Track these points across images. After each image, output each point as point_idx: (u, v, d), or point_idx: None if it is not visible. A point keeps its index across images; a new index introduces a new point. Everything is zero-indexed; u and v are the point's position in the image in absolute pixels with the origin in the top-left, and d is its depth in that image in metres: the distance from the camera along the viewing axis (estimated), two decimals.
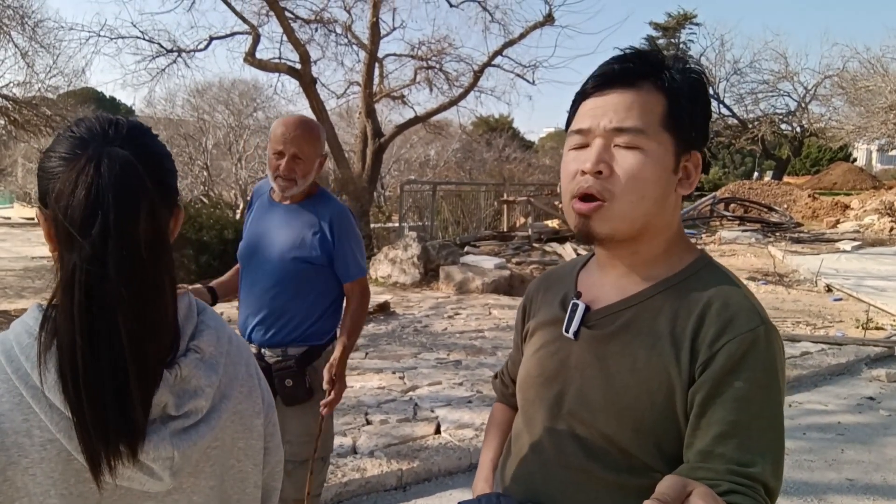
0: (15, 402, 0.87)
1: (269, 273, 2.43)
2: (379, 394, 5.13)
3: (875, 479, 3.92)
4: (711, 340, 1.00)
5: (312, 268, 2.41)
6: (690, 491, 0.74)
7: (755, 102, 31.80)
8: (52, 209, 0.88)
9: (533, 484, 1.17)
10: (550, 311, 1.23)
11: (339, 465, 3.78)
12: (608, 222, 1.06)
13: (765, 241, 14.90)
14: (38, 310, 0.90)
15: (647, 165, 1.04)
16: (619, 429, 1.06)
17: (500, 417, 1.44)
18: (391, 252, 10.94)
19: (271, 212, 2.50)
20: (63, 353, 0.85)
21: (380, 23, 14.18)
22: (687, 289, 1.08)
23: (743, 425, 0.97)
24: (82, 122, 0.94)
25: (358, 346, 6.59)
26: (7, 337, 0.90)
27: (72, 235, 0.86)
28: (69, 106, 15.52)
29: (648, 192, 1.05)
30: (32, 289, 10.89)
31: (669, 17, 41.01)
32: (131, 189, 0.89)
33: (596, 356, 1.11)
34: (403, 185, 15.79)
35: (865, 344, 6.72)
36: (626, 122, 1.04)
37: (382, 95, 15.68)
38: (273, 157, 2.38)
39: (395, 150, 24.31)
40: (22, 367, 0.87)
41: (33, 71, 14.04)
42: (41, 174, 0.92)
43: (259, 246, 2.46)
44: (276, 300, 2.42)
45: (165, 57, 14.12)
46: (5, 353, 0.88)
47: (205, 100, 25.65)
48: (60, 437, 0.87)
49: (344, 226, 2.45)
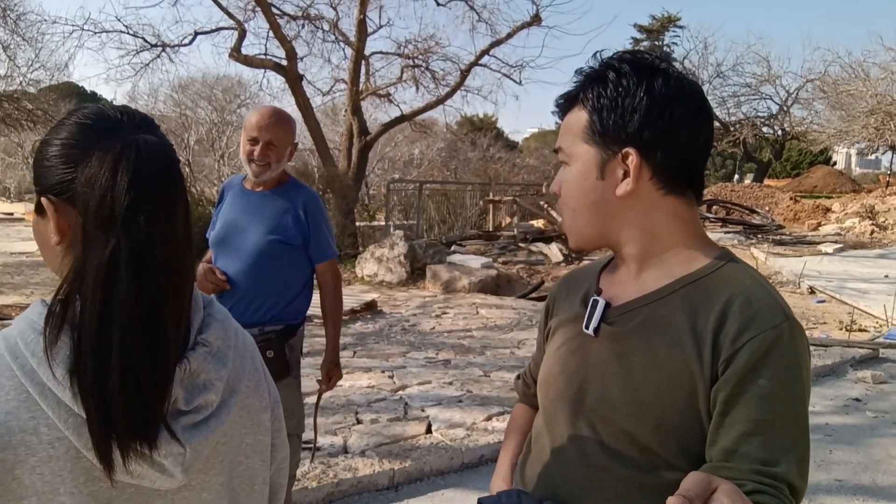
0: (21, 400, 0.84)
1: (245, 255, 2.54)
2: (369, 393, 5.10)
3: (864, 479, 3.95)
4: (734, 337, 0.99)
5: (288, 249, 2.55)
6: (715, 488, 0.73)
7: (738, 105, 32.08)
8: (83, 196, 0.87)
9: (553, 482, 1.16)
10: (571, 308, 1.23)
11: (331, 464, 3.75)
12: (571, 236, 1.17)
13: (747, 243, 15.03)
14: (42, 305, 0.88)
15: (571, 180, 1.13)
16: (639, 426, 1.04)
17: (522, 418, 1.43)
18: (377, 251, 10.90)
19: (245, 199, 2.62)
20: (83, 346, 0.83)
21: (367, 20, 14.10)
22: (708, 285, 1.06)
23: (767, 424, 0.95)
24: (88, 111, 0.93)
25: (346, 345, 6.55)
26: (11, 333, 0.87)
27: (111, 222, 0.85)
28: (51, 100, 15.31)
29: (576, 204, 1.13)
30: (11, 284, 10.72)
31: (653, 20, 41.30)
32: (172, 175, 0.91)
33: (616, 353, 1.10)
34: (389, 183, 15.77)
35: (850, 346, 6.79)
36: (557, 144, 1.17)
37: (369, 93, 15.61)
38: (247, 143, 2.52)
39: (381, 148, 24.23)
40: (28, 364, 0.84)
41: (15, 64, 13.86)
42: (55, 163, 0.90)
43: (234, 230, 2.58)
44: (253, 281, 2.54)
45: (150, 52, 13.97)
46: (10, 350, 0.85)
47: (187, 95, 25.45)
48: (69, 435, 0.84)
49: (317, 209, 2.63)
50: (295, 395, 2.55)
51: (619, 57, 1.11)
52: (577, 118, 1.11)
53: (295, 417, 2.53)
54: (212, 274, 2.53)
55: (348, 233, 12.80)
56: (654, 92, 1.07)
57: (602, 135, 1.08)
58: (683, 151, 1.09)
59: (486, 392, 5.19)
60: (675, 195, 1.10)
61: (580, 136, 1.10)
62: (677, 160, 1.08)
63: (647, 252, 1.11)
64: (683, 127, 1.08)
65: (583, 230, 1.14)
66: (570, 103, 1.14)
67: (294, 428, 2.54)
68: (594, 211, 1.11)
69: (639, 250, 1.12)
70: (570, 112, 1.14)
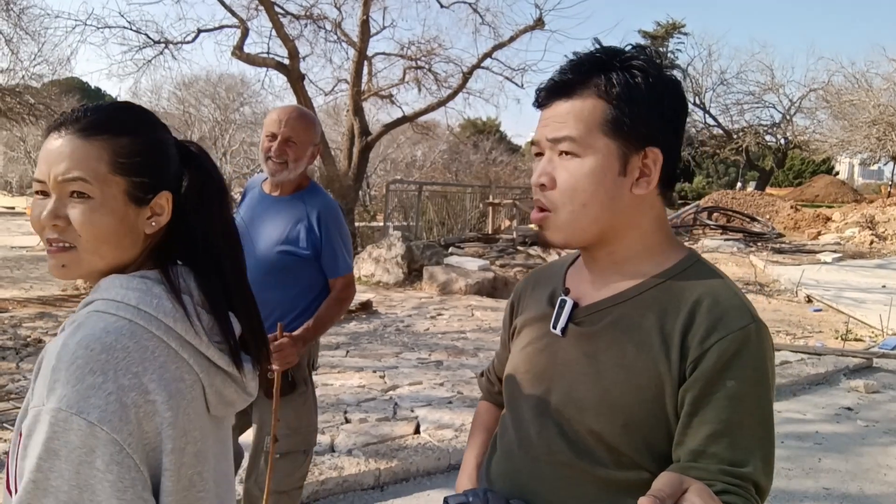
0: (167, 355, 0.99)
1: (255, 264, 2.37)
2: (359, 392, 5.09)
3: (851, 488, 3.94)
4: (702, 338, 0.99)
5: (298, 261, 2.40)
6: (686, 488, 0.74)
7: (741, 113, 32.15)
8: (195, 183, 1.11)
9: (520, 480, 1.16)
10: (538, 307, 1.22)
11: (317, 462, 3.74)
12: (557, 231, 1.09)
13: (746, 251, 15.02)
14: (137, 280, 1.02)
15: (583, 173, 1.05)
16: (607, 425, 1.05)
17: (486, 416, 1.43)
18: (375, 251, 10.90)
19: (261, 204, 2.49)
20: (213, 301, 1.08)
21: (370, 21, 14.12)
22: (676, 286, 1.07)
23: (735, 424, 0.97)
24: (143, 109, 1.11)
25: (339, 345, 6.55)
26: (123, 306, 0.99)
27: (208, 202, 1.11)
28: (53, 95, 15.33)
29: (589, 199, 1.06)
30: (10, 278, 10.73)
31: (658, 26, 41.28)
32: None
33: (584, 353, 1.10)
34: (389, 184, 15.77)
35: (844, 355, 6.77)
36: (560, 132, 1.06)
37: (371, 94, 15.62)
38: (265, 140, 2.39)
39: (382, 149, 24.27)
40: (163, 324, 0.99)
41: (17, 58, 13.87)
42: (168, 158, 1.08)
43: (245, 238, 2.42)
44: (261, 292, 2.37)
45: (152, 48, 13.96)
46: (140, 317, 0.98)
47: (191, 93, 25.54)
48: (201, 377, 1.03)
49: (332, 220, 2.44)
50: (300, 412, 2.44)
51: (635, 50, 1.09)
52: (591, 107, 1.05)
53: (301, 434, 2.45)
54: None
55: None
56: (674, 92, 1.09)
57: (629, 129, 1.05)
58: (679, 153, 1.11)
59: (477, 394, 5.17)
60: (663, 196, 1.12)
61: (598, 128, 1.05)
62: (676, 162, 1.11)
63: (631, 251, 1.11)
64: (684, 129, 1.12)
65: (586, 227, 1.08)
66: (575, 89, 1.07)
67: (300, 444, 2.46)
68: (607, 207, 1.07)
69: (627, 250, 1.11)
70: (574, 98, 1.06)
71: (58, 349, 0.93)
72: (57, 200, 0.99)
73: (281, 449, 2.38)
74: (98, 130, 1.01)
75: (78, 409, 0.88)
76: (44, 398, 0.90)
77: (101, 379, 0.90)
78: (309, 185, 2.51)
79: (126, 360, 0.94)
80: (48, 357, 0.95)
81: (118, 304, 0.98)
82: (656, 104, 1.07)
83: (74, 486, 0.87)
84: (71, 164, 0.98)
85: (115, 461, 0.89)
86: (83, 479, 0.87)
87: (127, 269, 1.05)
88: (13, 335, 6.47)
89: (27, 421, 0.91)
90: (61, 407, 0.88)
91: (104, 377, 0.91)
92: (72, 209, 0.98)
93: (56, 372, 0.90)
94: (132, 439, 0.91)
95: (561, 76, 1.09)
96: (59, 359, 0.92)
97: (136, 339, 0.96)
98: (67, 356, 0.91)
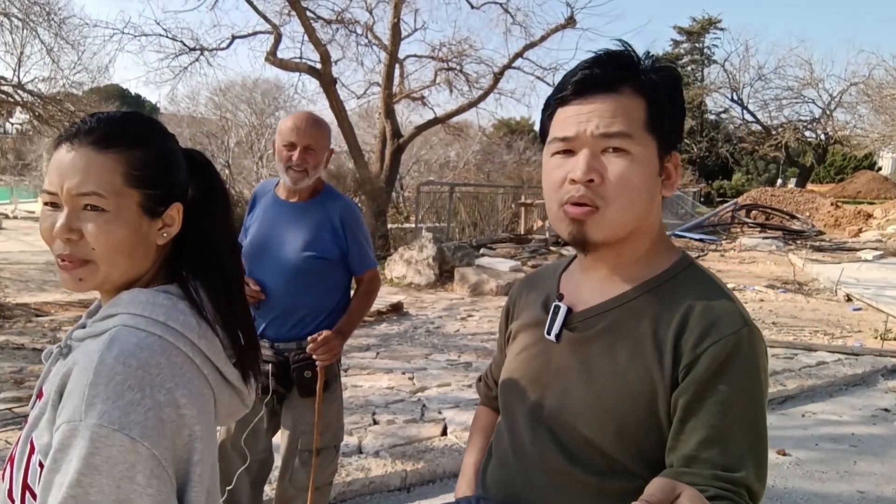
0: (192, 370, 1.02)
1: (280, 270, 2.45)
2: (387, 394, 5.13)
3: (887, 491, 3.85)
4: (695, 343, 1.00)
5: (325, 263, 2.46)
6: (679, 493, 0.74)
7: (779, 109, 31.57)
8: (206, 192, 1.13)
9: (514, 488, 1.16)
10: (533, 313, 1.23)
11: (344, 463, 3.78)
12: (602, 228, 1.05)
13: (785, 249, 14.74)
14: (164, 293, 1.04)
15: (636, 170, 1.04)
16: (600, 432, 1.05)
17: (484, 421, 1.43)
18: (406, 252, 10.95)
19: (278, 210, 2.53)
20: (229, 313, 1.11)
21: (401, 24, 14.20)
22: (669, 291, 1.07)
23: (727, 430, 0.96)
24: (151, 118, 1.12)
25: (369, 346, 6.60)
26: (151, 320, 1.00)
27: (216, 212, 1.14)
28: (93, 102, 15.66)
29: (637, 198, 1.05)
30: (53, 282, 10.99)
31: (694, 22, 40.75)
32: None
33: (578, 359, 1.10)
34: (420, 186, 15.81)
35: (883, 355, 6.62)
36: (612, 128, 1.03)
37: (402, 96, 15.69)
38: (283, 149, 2.41)
39: (415, 150, 24.32)
40: (189, 341, 1.02)
41: (58, 67, 14.19)
42: (178, 169, 1.09)
43: (268, 244, 2.49)
44: (289, 296, 2.46)
45: (188, 55, 14.23)
46: (170, 334, 1.01)
47: (227, 98, 25.88)
48: (216, 391, 1.06)
49: (353, 220, 2.52)
50: (331, 409, 2.52)
51: (658, 56, 1.11)
52: (635, 104, 1.04)
53: (332, 430, 2.54)
54: (245, 286, 2.50)
55: (379, 235, 12.88)
56: (683, 97, 1.11)
57: (666, 129, 1.06)
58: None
59: None
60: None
61: (643, 126, 1.04)
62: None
63: (637, 253, 1.12)
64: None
65: (628, 224, 1.06)
66: (614, 83, 1.05)
67: (332, 440, 2.55)
68: (646, 207, 1.07)
69: (634, 252, 1.11)
70: (617, 93, 1.04)
71: (94, 365, 0.93)
72: (70, 213, 0.98)
73: (317, 446, 2.47)
74: (111, 143, 1.00)
75: (120, 425, 0.89)
76: (81, 413, 0.90)
77: (139, 395, 0.92)
78: (324, 187, 2.57)
79: (160, 376, 0.95)
80: (81, 371, 0.94)
81: (147, 320, 0.99)
82: (681, 109, 1.10)
83: (115, 500, 0.88)
84: (85, 178, 0.97)
85: (154, 475, 0.90)
86: (124, 494, 0.88)
87: (140, 281, 1.06)
88: (52, 338, 6.65)
89: (59, 436, 0.90)
90: (103, 423, 0.89)
91: (142, 393, 0.92)
92: (86, 222, 0.98)
93: (94, 387, 0.91)
94: (168, 453, 0.93)
95: (601, 68, 1.05)
96: (96, 374, 0.92)
97: (167, 355, 0.98)
98: (106, 372, 0.92)
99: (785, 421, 4.95)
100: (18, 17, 13.31)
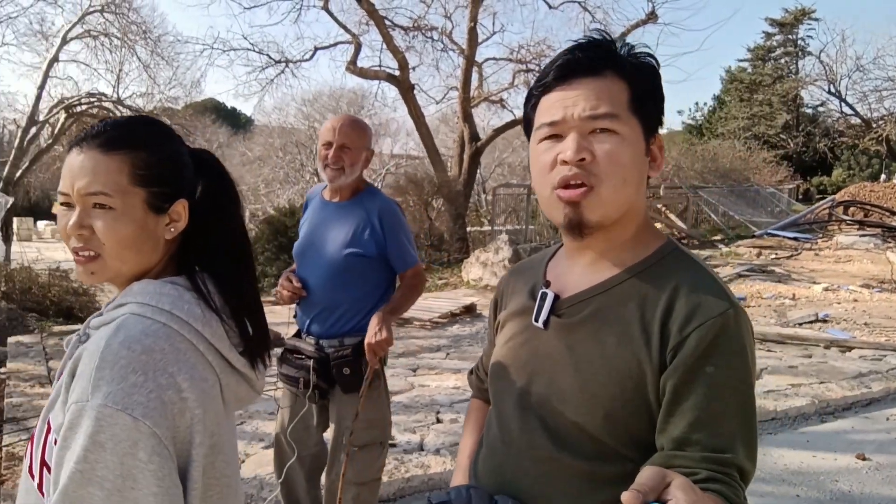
0: (196, 356, 1.07)
1: (323, 268, 2.54)
2: (453, 393, 5.18)
3: None
4: (681, 325, 1.00)
5: (364, 261, 2.51)
6: (670, 481, 0.75)
7: (879, 100, 29.73)
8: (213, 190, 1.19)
9: (504, 475, 1.16)
10: (520, 301, 1.24)
11: (404, 460, 3.86)
12: (598, 208, 1.05)
13: (883, 247, 13.92)
14: (168, 285, 1.10)
15: (624, 149, 1.04)
16: (589, 416, 1.05)
17: (477, 413, 1.44)
18: (482, 255, 10.99)
19: (323, 211, 2.63)
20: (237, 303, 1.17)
21: (478, 28, 14.28)
22: (655, 274, 1.07)
23: (717, 411, 0.97)
24: (157, 120, 1.20)
25: (440, 347, 6.68)
26: (157, 309, 1.06)
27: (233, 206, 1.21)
28: (187, 116, 16.49)
29: (629, 176, 1.05)
30: None
31: (786, 13, 39.00)
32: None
33: (566, 344, 1.11)
34: (496, 188, 15.80)
35: None
36: (599, 109, 1.03)
37: (481, 100, 15.76)
38: (322, 149, 2.51)
39: (497, 154, 24.36)
40: (193, 328, 1.07)
41: (155, 83, 15.04)
42: (183, 168, 1.15)
43: (312, 243, 2.59)
44: (330, 293, 2.53)
45: (274, 67, 14.78)
46: (175, 322, 1.07)
47: (315, 108, 26.64)
48: (220, 377, 1.12)
49: (392, 218, 2.56)
50: (376, 405, 2.56)
51: (621, 42, 1.12)
52: (619, 87, 1.06)
53: (377, 427, 2.57)
54: (288, 282, 2.59)
55: (457, 238, 12.98)
56: (661, 83, 1.12)
57: (649, 114, 1.08)
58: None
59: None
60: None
61: (627, 107, 1.05)
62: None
63: (625, 236, 1.12)
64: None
65: (622, 205, 1.07)
66: (598, 67, 1.06)
67: (377, 436, 2.57)
68: (637, 187, 1.08)
69: (622, 235, 1.12)
70: (600, 77, 1.06)
71: (101, 350, 0.99)
72: (81, 212, 1.04)
73: (359, 442, 2.50)
74: (117, 145, 1.06)
75: (123, 405, 0.95)
76: (88, 394, 0.96)
77: (142, 378, 0.97)
78: (366, 188, 2.63)
79: (163, 360, 1.01)
80: (90, 356, 1.00)
81: (153, 309, 1.05)
82: (661, 93, 1.11)
83: (119, 475, 0.94)
84: (93, 179, 1.04)
85: (155, 452, 0.96)
86: (127, 469, 0.94)
87: (150, 273, 1.12)
88: None
89: (69, 415, 0.98)
90: (107, 403, 0.94)
91: (145, 377, 0.98)
92: (95, 219, 1.04)
93: (100, 371, 0.97)
94: (168, 433, 0.98)
95: (584, 53, 1.06)
96: (102, 358, 0.98)
97: (171, 341, 1.03)
98: (111, 356, 0.98)
99: (867, 424, 4.70)
100: (117, 35, 14.18)
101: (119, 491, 0.94)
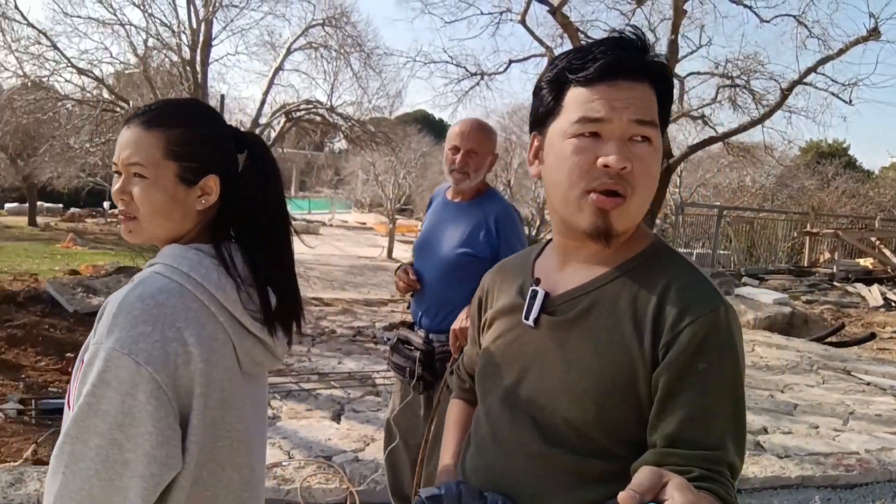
0: (206, 316, 1.16)
1: (436, 264, 2.65)
2: None
3: None
4: (673, 322, 1.00)
5: (476, 261, 2.56)
6: (666, 482, 0.76)
7: None
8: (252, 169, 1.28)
9: (493, 473, 1.16)
10: (508, 299, 1.23)
11: None
12: (625, 219, 1.05)
13: None
14: (192, 251, 1.20)
15: (655, 161, 1.05)
16: (580, 413, 1.05)
17: (458, 414, 1.43)
18: None
19: (445, 210, 2.74)
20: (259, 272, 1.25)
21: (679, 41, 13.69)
22: (645, 272, 1.08)
23: (708, 408, 0.98)
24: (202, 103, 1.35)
25: None
26: (178, 272, 1.17)
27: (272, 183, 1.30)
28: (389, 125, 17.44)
29: (654, 188, 1.06)
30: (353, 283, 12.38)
31: None
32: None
33: (557, 342, 1.11)
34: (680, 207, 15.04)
35: None
36: (647, 116, 1.03)
37: (679, 115, 15.08)
38: (449, 153, 2.62)
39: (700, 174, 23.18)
40: (207, 291, 1.16)
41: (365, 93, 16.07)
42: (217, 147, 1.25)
43: (431, 240, 2.71)
44: (441, 290, 2.63)
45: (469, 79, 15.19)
46: (190, 283, 1.16)
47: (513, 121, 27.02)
48: (234, 339, 1.19)
49: (508, 223, 2.61)
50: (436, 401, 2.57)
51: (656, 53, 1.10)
52: (650, 97, 1.05)
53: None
54: (404, 274, 2.72)
55: None
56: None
57: (664, 122, 1.09)
58: None
59: None
60: None
61: (655, 118, 1.05)
62: None
63: (625, 237, 1.12)
64: None
65: (641, 215, 1.09)
66: (639, 72, 1.05)
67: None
68: (651, 195, 1.08)
69: (624, 237, 1.12)
70: (643, 82, 1.05)
71: (120, 300, 1.12)
72: (124, 179, 1.20)
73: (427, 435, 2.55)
74: (156, 123, 1.20)
75: (129, 350, 1.06)
76: (104, 337, 1.08)
77: (150, 328, 1.08)
78: (487, 190, 2.71)
79: (172, 316, 1.11)
80: (112, 304, 1.13)
81: (173, 269, 1.17)
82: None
83: (120, 411, 1.05)
84: (133, 151, 1.18)
85: (154, 396, 1.06)
86: (127, 407, 1.06)
87: (183, 239, 1.23)
88: (314, 325, 7.59)
89: (89, 354, 1.11)
90: (116, 347, 1.06)
91: (153, 327, 1.09)
92: (133, 186, 1.19)
93: (116, 318, 1.09)
94: (169, 380, 1.08)
95: (629, 55, 1.04)
96: (119, 308, 1.10)
97: (183, 299, 1.14)
98: (127, 306, 1.10)
99: None
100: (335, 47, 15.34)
101: (119, 426, 1.06)
